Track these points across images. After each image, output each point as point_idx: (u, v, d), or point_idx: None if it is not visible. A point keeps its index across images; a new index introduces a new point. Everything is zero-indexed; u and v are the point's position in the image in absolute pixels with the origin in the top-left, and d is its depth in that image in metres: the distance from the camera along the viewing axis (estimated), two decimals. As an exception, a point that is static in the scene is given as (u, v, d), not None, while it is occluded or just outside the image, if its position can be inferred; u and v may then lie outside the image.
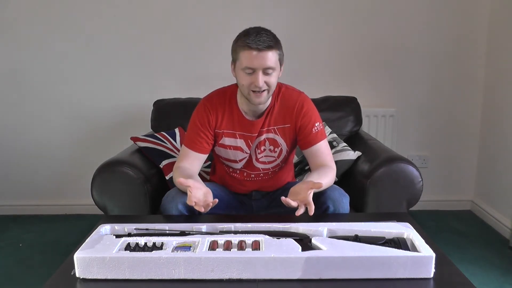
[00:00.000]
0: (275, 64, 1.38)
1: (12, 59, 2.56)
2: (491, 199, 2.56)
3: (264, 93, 1.40)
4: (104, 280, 1.00)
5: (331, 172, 1.46)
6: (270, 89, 1.41)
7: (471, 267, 2.04)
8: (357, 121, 2.24)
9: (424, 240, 1.06)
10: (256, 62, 1.35)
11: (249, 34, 1.36)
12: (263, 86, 1.38)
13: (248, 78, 1.38)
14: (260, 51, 1.34)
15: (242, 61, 1.37)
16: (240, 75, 1.40)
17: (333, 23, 2.54)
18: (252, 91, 1.39)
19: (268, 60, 1.35)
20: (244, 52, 1.36)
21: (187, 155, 1.51)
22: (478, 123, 2.66)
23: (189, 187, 1.26)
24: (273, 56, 1.37)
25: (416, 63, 2.60)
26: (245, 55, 1.36)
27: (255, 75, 1.36)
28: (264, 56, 1.35)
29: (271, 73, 1.38)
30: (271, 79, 1.39)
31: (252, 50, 1.34)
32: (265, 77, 1.38)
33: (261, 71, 1.36)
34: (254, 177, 1.61)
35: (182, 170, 1.46)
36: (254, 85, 1.37)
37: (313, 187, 1.26)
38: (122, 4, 2.49)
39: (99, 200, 1.64)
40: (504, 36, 2.40)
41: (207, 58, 2.55)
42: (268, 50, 1.35)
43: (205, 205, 1.27)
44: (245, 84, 1.39)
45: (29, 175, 2.71)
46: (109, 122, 2.64)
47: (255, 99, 1.41)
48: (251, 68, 1.36)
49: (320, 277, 0.99)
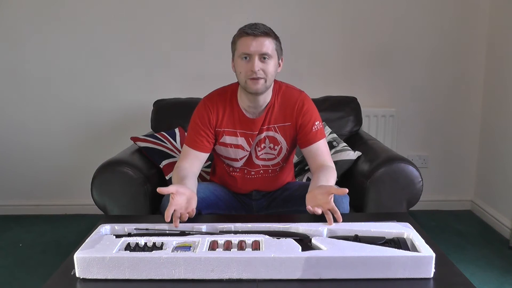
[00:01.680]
0: (272, 52, 1.39)
1: (12, 59, 2.56)
2: (491, 199, 2.56)
3: (261, 81, 1.40)
4: (104, 280, 0.99)
5: (333, 172, 1.47)
6: (267, 78, 1.40)
7: (471, 267, 2.04)
8: (357, 121, 2.24)
9: (424, 240, 1.06)
10: (252, 48, 1.36)
11: (247, 24, 1.41)
12: (259, 72, 1.38)
13: (245, 65, 1.39)
14: (256, 37, 1.36)
15: (239, 48, 1.39)
16: (238, 63, 1.41)
17: (333, 23, 2.54)
18: (249, 79, 1.39)
19: (264, 46, 1.37)
20: (241, 39, 1.39)
21: (188, 154, 1.51)
22: (478, 123, 2.66)
23: (172, 193, 1.21)
24: (270, 44, 1.38)
25: (416, 63, 2.60)
26: (241, 42, 1.38)
27: (251, 61, 1.37)
28: (260, 42, 1.36)
29: (267, 60, 1.39)
30: (268, 67, 1.39)
31: (248, 36, 1.37)
32: (262, 64, 1.38)
33: (257, 57, 1.37)
34: (254, 174, 1.61)
35: (179, 170, 1.45)
36: (250, 71, 1.38)
37: (337, 193, 1.24)
38: (122, 4, 2.49)
39: (99, 200, 1.64)
40: (504, 36, 2.40)
41: (207, 58, 2.55)
42: (264, 36, 1.37)
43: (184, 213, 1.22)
44: (243, 72, 1.40)
45: (29, 175, 2.71)
46: (109, 122, 2.64)
47: (252, 86, 1.40)
48: (247, 54, 1.37)
49: (320, 277, 0.99)
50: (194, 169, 1.48)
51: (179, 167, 1.47)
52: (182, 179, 1.38)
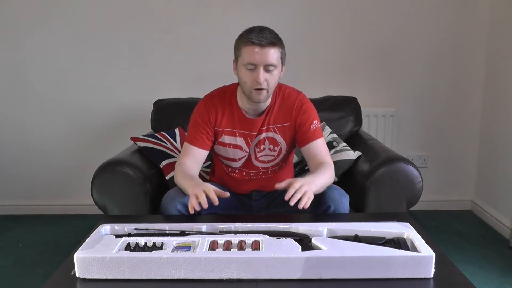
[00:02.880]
0: (277, 62, 1.39)
1: (12, 59, 2.56)
2: (491, 199, 2.56)
3: (264, 92, 1.41)
4: (104, 280, 1.00)
5: (329, 168, 1.47)
6: (269, 88, 1.42)
7: (471, 267, 2.04)
8: (357, 121, 2.23)
9: (424, 240, 1.06)
10: (258, 58, 1.36)
11: (253, 30, 1.38)
12: (264, 83, 1.38)
13: (250, 74, 1.39)
14: (263, 47, 1.35)
15: (244, 57, 1.38)
16: (242, 71, 1.41)
17: (333, 23, 2.54)
18: (254, 89, 1.40)
19: (270, 57, 1.36)
20: (246, 48, 1.37)
21: (189, 151, 1.52)
22: (478, 123, 2.66)
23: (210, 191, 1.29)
24: (275, 53, 1.38)
25: (416, 63, 2.59)
26: (247, 51, 1.37)
27: (256, 71, 1.37)
28: (266, 52, 1.36)
29: (272, 71, 1.39)
30: (272, 78, 1.40)
31: (254, 46, 1.35)
32: (266, 74, 1.38)
33: (262, 68, 1.37)
34: (253, 175, 1.61)
35: (184, 168, 1.46)
36: (255, 82, 1.38)
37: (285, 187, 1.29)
38: (122, 4, 2.49)
39: (99, 200, 1.64)
40: (504, 36, 2.40)
41: (207, 58, 2.55)
42: (270, 46, 1.36)
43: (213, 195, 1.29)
44: (248, 82, 1.40)
45: (29, 175, 2.71)
46: (109, 122, 2.64)
47: (256, 96, 1.41)
48: (253, 64, 1.37)
49: (320, 277, 0.99)
50: (195, 167, 1.51)
51: (182, 164, 1.49)
52: (194, 179, 1.40)
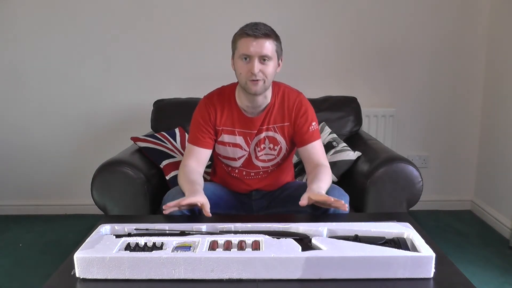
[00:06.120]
0: (272, 54, 1.40)
1: (12, 59, 2.56)
2: (491, 199, 2.56)
3: (260, 83, 1.41)
4: (104, 280, 1.00)
5: (328, 170, 1.48)
6: (266, 79, 1.42)
7: (471, 267, 2.04)
8: (357, 121, 2.23)
9: (424, 240, 1.06)
10: (253, 49, 1.37)
11: (248, 24, 1.41)
12: (259, 74, 1.39)
13: (245, 66, 1.39)
14: (257, 38, 1.37)
15: (239, 49, 1.39)
16: (238, 63, 1.42)
17: (333, 23, 2.54)
18: (249, 80, 1.40)
19: (264, 48, 1.37)
20: (241, 39, 1.39)
21: (192, 152, 1.53)
22: (478, 123, 2.66)
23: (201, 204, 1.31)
24: (270, 45, 1.39)
25: (416, 63, 2.59)
26: (242, 42, 1.39)
27: (251, 63, 1.38)
28: (261, 44, 1.37)
29: (267, 62, 1.39)
30: (267, 69, 1.40)
31: (249, 37, 1.37)
32: (261, 65, 1.39)
33: (257, 59, 1.38)
34: (254, 175, 1.62)
35: (187, 171, 1.47)
36: (250, 73, 1.39)
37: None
38: (122, 4, 2.49)
39: (99, 200, 1.64)
40: (504, 36, 2.40)
41: (207, 58, 2.55)
42: (264, 38, 1.37)
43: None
44: (243, 73, 1.41)
45: (29, 175, 2.71)
46: (109, 122, 2.64)
47: (252, 87, 1.41)
48: (247, 55, 1.38)
49: (320, 277, 0.99)
50: (199, 167, 1.52)
51: (185, 165, 1.50)
52: (193, 184, 1.40)
